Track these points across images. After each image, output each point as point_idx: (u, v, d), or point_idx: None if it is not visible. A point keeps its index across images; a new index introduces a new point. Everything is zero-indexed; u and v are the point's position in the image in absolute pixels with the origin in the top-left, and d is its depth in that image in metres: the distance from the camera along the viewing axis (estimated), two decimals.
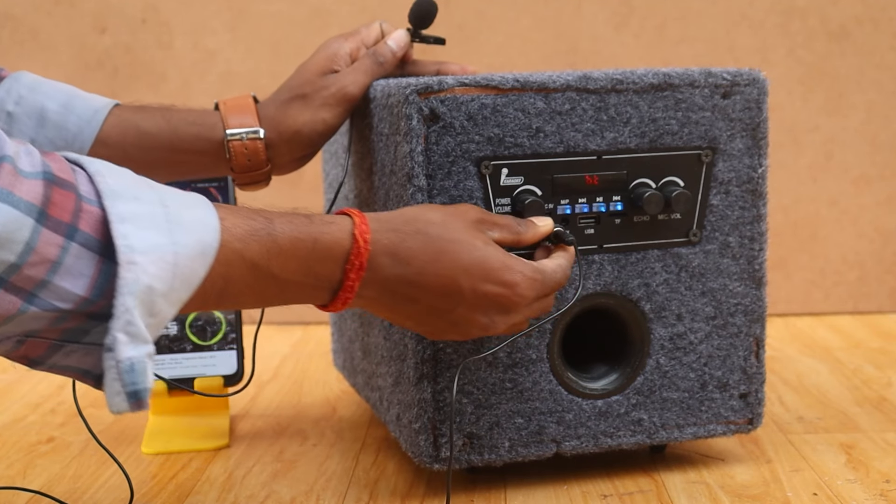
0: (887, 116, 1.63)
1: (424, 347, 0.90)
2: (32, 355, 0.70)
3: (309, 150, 1.00)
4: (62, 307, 0.66)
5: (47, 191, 0.65)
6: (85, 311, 0.67)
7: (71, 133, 0.97)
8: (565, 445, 0.94)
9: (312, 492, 0.96)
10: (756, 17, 1.61)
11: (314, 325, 1.64)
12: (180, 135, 0.98)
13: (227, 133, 0.98)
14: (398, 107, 0.89)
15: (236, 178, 1.00)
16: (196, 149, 0.98)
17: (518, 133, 0.90)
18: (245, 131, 0.98)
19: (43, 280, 0.65)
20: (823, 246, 1.65)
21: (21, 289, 0.64)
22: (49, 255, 0.64)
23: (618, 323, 0.95)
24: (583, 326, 0.96)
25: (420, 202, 0.88)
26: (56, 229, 0.65)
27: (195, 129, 0.98)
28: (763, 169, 0.96)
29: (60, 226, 0.65)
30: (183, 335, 1.10)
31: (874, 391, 1.24)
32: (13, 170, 0.64)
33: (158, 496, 0.96)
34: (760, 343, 0.98)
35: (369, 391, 1.07)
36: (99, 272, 0.66)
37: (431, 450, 0.91)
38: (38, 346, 0.69)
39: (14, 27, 1.62)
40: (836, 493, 0.94)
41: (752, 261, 0.97)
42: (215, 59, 1.63)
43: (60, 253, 0.65)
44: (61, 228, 0.65)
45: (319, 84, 0.98)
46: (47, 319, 0.66)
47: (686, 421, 0.97)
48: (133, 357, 0.66)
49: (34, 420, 1.19)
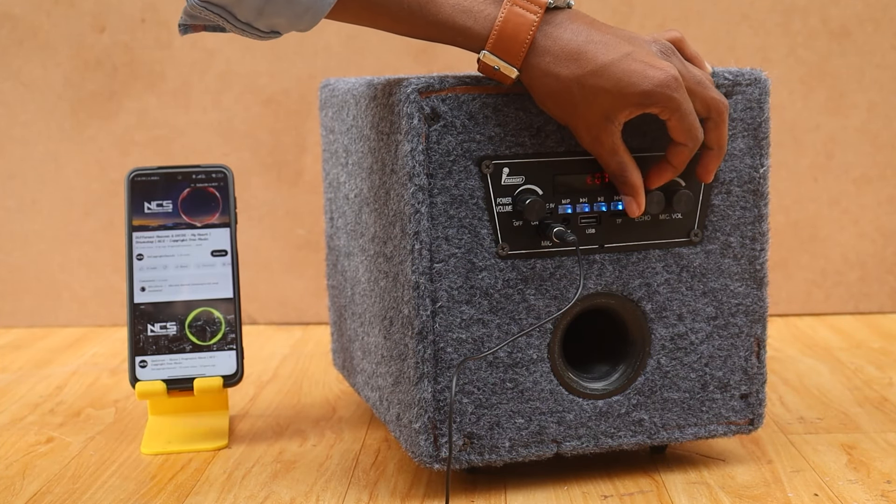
0: (888, 116, 1.63)
1: (424, 347, 0.90)
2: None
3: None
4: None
5: None
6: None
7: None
8: (566, 445, 0.94)
9: (312, 492, 0.96)
10: (757, 17, 1.61)
11: (314, 326, 1.64)
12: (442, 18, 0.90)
13: (482, 54, 0.87)
14: (399, 105, 0.89)
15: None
16: (444, 35, 0.89)
17: (519, 132, 0.90)
18: (502, 63, 0.87)
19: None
20: (824, 246, 1.65)
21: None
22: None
23: (618, 323, 0.95)
24: (584, 326, 0.96)
25: (421, 201, 0.88)
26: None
27: (462, 17, 0.88)
28: (764, 169, 0.96)
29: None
30: (183, 335, 1.10)
31: (875, 391, 1.23)
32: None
33: (158, 497, 0.96)
34: (761, 343, 0.98)
35: (369, 391, 1.06)
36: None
37: (431, 450, 0.91)
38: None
39: (13, 26, 1.62)
40: (837, 493, 0.93)
41: (753, 261, 0.97)
42: (214, 58, 1.62)
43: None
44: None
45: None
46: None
47: (687, 421, 0.97)
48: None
49: (33, 420, 1.19)
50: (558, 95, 0.86)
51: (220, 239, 1.12)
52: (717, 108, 0.89)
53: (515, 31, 0.85)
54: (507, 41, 0.86)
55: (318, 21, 0.88)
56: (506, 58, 0.86)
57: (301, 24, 0.88)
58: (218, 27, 0.91)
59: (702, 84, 0.88)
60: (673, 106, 0.86)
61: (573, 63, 0.85)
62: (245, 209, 1.61)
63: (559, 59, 0.86)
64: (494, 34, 0.86)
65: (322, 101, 1.17)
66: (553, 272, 0.92)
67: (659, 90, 0.85)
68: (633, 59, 0.85)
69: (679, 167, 0.90)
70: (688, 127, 0.87)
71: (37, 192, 1.65)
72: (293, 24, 0.88)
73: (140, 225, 1.11)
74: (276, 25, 0.89)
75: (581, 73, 0.85)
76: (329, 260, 1.20)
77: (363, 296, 1.05)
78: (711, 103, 0.88)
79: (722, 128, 0.90)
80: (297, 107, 1.63)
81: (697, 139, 0.88)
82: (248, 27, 0.88)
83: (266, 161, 1.64)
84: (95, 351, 1.50)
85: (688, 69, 0.88)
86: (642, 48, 0.86)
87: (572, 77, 0.85)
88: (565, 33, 0.86)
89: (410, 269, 0.89)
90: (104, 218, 1.65)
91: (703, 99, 0.88)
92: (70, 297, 1.66)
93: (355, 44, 1.61)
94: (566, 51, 0.86)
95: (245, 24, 0.88)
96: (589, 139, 0.89)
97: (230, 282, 1.11)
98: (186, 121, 1.63)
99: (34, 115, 1.64)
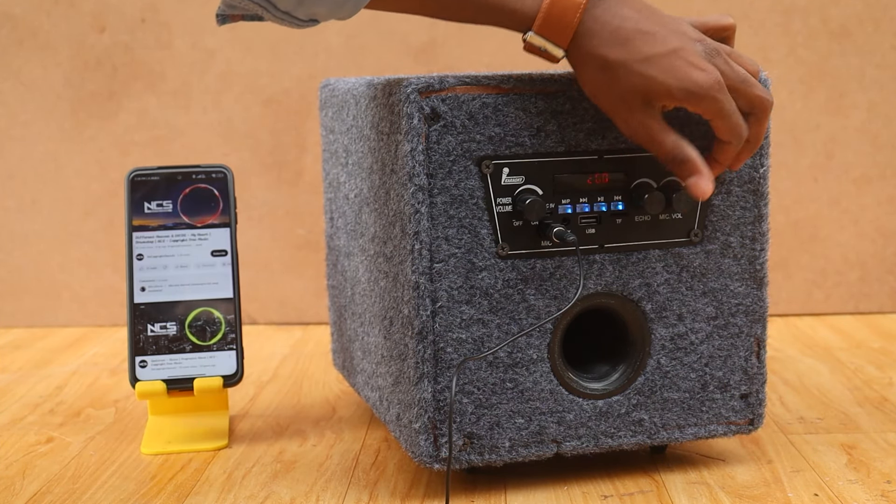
0: (888, 116, 1.62)
1: (424, 347, 0.90)
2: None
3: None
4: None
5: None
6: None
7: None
8: (566, 445, 0.94)
9: (312, 492, 0.96)
10: (757, 17, 1.61)
11: (314, 326, 1.64)
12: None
13: (528, 34, 0.88)
14: (399, 105, 0.89)
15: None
16: (490, 16, 0.90)
17: (519, 132, 0.90)
18: (549, 44, 0.88)
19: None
20: (824, 246, 1.65)
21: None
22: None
23: (618, 323, 0.95)
24: (584, 326, 0.96)
25: (421, 201, 0.88)
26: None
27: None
28: (764, 169, 0.96)
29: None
30: (182, 335, 1.10)
31: (875, 391, 1.23)
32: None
33: (158, 497, 0.96)
34: (761, 343, 0.98)
35: (369, 391, 1.06)
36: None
37: (431, 450, 0.91)
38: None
39: (13, 26, 1.62)
40: (837, 493, 0.93)
41: (753, 261, 0.97)
42: (215, 58, 1.62)
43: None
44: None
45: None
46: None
47: (687, 421, 0.97)
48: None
49: (33, 420, 1.19)
50: (603, 76, 0.87)
51: (220, 239, 1.12)
52: (762, 105, 0.89)
53: (563, 13, 0.86)
54: (555, 22, 0.86)
55: (360, 8, 0.88)
56: (553, 38, 0.87)
57: (342, 12, 0.88)
58: (256, 16, 0.91)
59: (746, 82, 0.88)
60: (715, 108, 0.86)
61: (621, 48, 0.86)
62: (245, 209, 1.61)
63: (606, 42, 0.86)
64: (542, 15, 0.86)
65: (322, 101, 1.17)
66: (553, 272, 0.92)
67: (702, 92, 0.85)
68: (679, 58, 0.86)
69: (725, 163, 0.90)
70: (731, 126, 0.88)
71: (37, 192, 1.65)
72: (334, 11, 0.88)
73: (140, 225, 1.11)
74: (316, 14, 0.89)
75: (628, 58, 0.86)
76: (329, 260, 1.20)
77: (363, 296, 1.05)
78: (756, 101, 0.89)
79: (763, 123, 0.90)
80: (297, 107, 1.63)
81: (741, 136, 0.89)
82: (288, 16, 0.88)
83: (266, 161, 1.64)
84: (95, 351, 1.50)
85: (732, 68, 0.88)
86: (689, 46, 0.87)
87: (619, 61, 0.86)
88: (614, 19, 0.86)
89: (410, 269, 0.89)
90: (104, 218, 1.65)
91: (748, 96, 0.88)
92: (70, 297, 1.66)
93: (355, 44, 1.61)
94: (614, 36, 0.86)
95: (284, 13, 0.88)
96: (634, 123, 0.87)
97: (230, 282, 1.11)
98: (186, 121, 1.63)
99: (34, 115, 1.63)
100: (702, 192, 0.88)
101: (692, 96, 0.86)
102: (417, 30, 1.60)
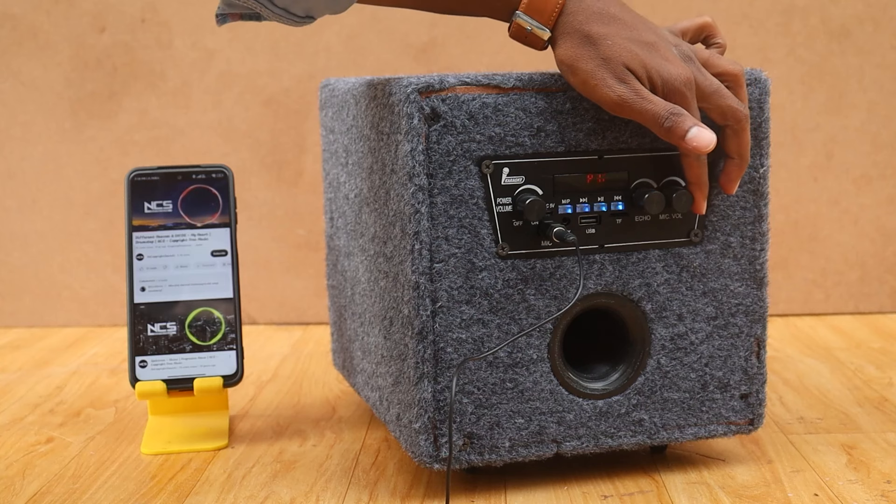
0: (888, 116, 1.62)
1: (424, 347, 0.90)
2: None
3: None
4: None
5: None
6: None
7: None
8: (566, 446, 0.94)
9: (312, 492, 0.96)
10: (757, 17, 1.61)
11: (314, 326, 1.64)
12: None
13: (515, 16, 0.90)
14: (399, 105, 0.89)
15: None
16: (480, 2, 0.92)
17: (519, 132, 0.90)
18: (535, 24, 0.90)
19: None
20: (824, 246, 1.65)
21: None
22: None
23: (618, 323, 0.95)
24: (583, 326, 0.96)
25: (421, 201, 0.88)
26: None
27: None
28: (764, 169, 0.96)
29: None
30: (182, 335, 1.10)
31: (875, 391, 1.23)
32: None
33: (158, 497, 0.96)
34: (761, 343, 0.98)
35: (369, 391, 1.06)
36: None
37: (431, 450, 0.91)
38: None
39: (13, 26, 1.62)
40: (837, 493, 0.93)
41: (753, 261, 0.97)
42: (215, 58, 1.62)
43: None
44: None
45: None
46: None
47: (687, 421, 0.97)
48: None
49: (33, 420, 1.19)
50: (585, 47, 0.87)
51: (220, 239, 1.12)
52: (735, 116, 0.89)
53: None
54: (540, 2, 0.88)
55: (354, 1, 0.89)
56: (538, 18, 0.89)
57: (337, 6, 0.89)
58: (254, 15, 0.92)
59: (717, 93, 0.88)
60: (683, 104, 0.86)
61: (605, 26, 0.87)
62: (245, 209, 1.61)
63: (590, 20, 0.88)
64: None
65: (322, 101, 1.17)
66: (553, 272, 0.92)
67: (674, 83, 0.86)
68: (656, 50, 0.87)
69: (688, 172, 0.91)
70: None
71: (37, 192, 1.65)
72: (329, 5, 0.89)
73: (140, 225, 1.11)
74: (312, 9, 0.89)
75: (612, 32, 0.87)
76: (329, 260, 1.20)
77: (363, 296, 1.05)
78: (728, 111, 0.88)
79: (742, 136, 0.89)
80: (297, 107, 1.63)
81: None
82: (285, 12, 0.89)
83: (266, 161, 1.64)
84: (95, 351, 1.50)
85: (705, 77, 0.88)
86: (666, 45, 0.88)
87: (603, 33, 0.87)
88: (596, 3, 0.89)
89: (410, 269, 0.89)
90: (104, 218, 1.65)
91: (719, 107, 0.88)
92: (70, 297, 1.66)
93: (355, 44, 1.61)
94: (598, 16, 0.88)
95: (282, 8, 0.89)
96: (619, 88, 0.86)
97: (230, 282, 1.11)
98: (186, 121, 1.63)
99: (34, 115, 1.63)
100: (706, 140, 0.86)
101: (666, 84, 0.86)
102: (417, 30, 1.60)
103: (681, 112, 0.86)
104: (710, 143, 0.85)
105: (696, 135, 0.86)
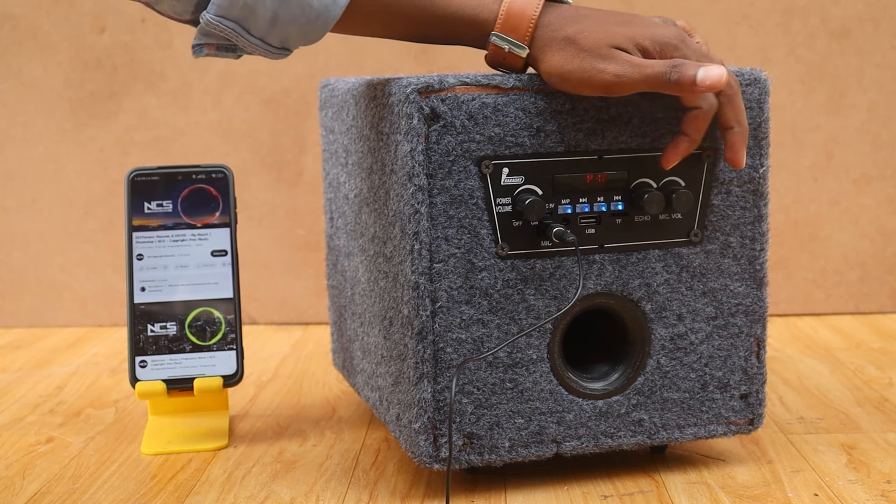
0: (888, 116, 1.62)
1: (424, 347, 0.90)
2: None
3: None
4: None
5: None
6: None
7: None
8: (565, 446, 0.94)
9: (312, 492, 0.96)
10: (757, 17, 1.61)
11: (314, 326, 1.64)
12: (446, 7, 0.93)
13: (491, 38, 0.91)
14: (399, 105, 0.89)
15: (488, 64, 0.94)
16: (454, 28, 0.93)
17: (519, 132, 0.90)
18: (511, 43, 0.90)
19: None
20: (824, 246, 1.65)
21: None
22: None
23: (618, 323, 0.95)
24: (583, 326, 0.96)
25: (420, 201, 0.88)
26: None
27: (471, 6, 0.92)
28: (764, 169, 0.96)
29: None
30: (182, 335, 1.10)
31: (875, 391, 1.23)
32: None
33: (158, 497, 0.96)
34: (761, 343, 0.98)
35: (369, 391, 1.06)
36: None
37: (431, 450, 0.91)
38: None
39: (13, 26, 1.62)
40: (837, 493, 0.93)
41: (753, 261, 0.97)
42: (214, 58, 1.62)
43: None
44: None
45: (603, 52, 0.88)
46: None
47: (687, 421, 0.97)
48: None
49: (33, 420, 1.19)
50: (566, 49, 0.88)
51: (220, 239, 1.12)
52: (726, 82, 0.88)
53: (522, 10, 0.89)
54: (515, 19, 0.89)
55: (329, 27, 0.90)
56: (514, 35, 0.89)
57: (312, 33, 0.90)
58: (231, 48, 0.93)
59: (708, 57, 0.89)
60: (681, 55, 0.87)
61: (579, 24, 0.89)
62: (245, 209, 1.61)
63: (564, 23, 0.89)
64: (502, 16, 0.90)
65: (322, 101, 1.17)
66: (553, 272, 0.92)
67: (667, 38, 0.87)
68: (638, 20, 0.89)
69: (695, 137, 0.90)
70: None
71: (37, 192, 1.65)
72: (304, 33, 0.90)
73: (140, 225, 1.11)
74: (287, 39, 0.91)
75: (588, 26, 0.88)
76: (329, 260, 1.20)
77: (363, 296, 1.05)
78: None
79: (735, 101, 0.89)
80: (297, 107, 1.63)
81: (710, 100, 0.89)
82: (262, 42, 0.90)
83: (266, 161, 1.64)
84: (95, 351, 1.50)
85: (689, 45, 0.88)
86: (643, 17, 0.90)
87: (579, 29, 0.88)
88: (569, 10, 0.90)
89: (410, 270, 0.89)
90: (104, 218, 1.65)
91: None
92: (70, 297, 1.66)
93: (355, 44, 1.61)
94: (571, 17, 0.89)
95: (258, 38, 0.90)
96: (613, 66, 0.86)
97: (230, 282, 1.11)
98: (186, 121, 1.63)
99: (34, 115, 1.64)
100: (717, 74, 0.84)
101: (656, 43, 0.87)
102: None
103: (681, 62, 0.85)
104: (721, 76, 0.84)
105: (706, 74, 0.84)
